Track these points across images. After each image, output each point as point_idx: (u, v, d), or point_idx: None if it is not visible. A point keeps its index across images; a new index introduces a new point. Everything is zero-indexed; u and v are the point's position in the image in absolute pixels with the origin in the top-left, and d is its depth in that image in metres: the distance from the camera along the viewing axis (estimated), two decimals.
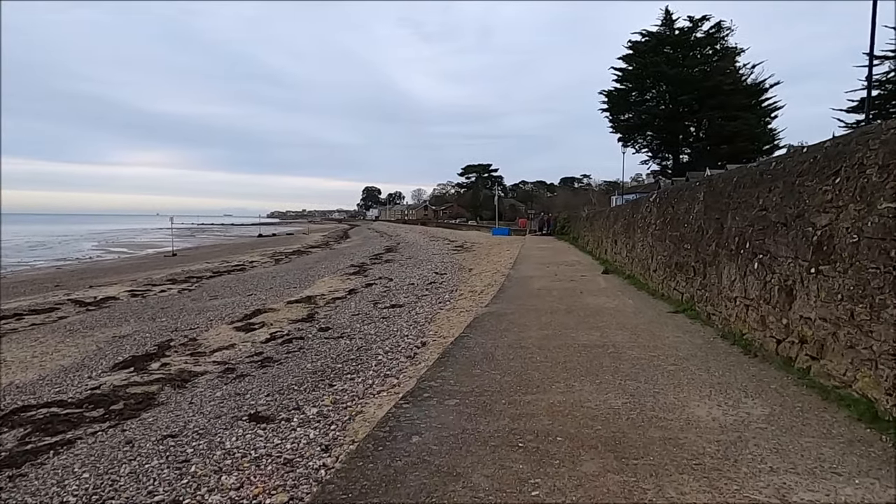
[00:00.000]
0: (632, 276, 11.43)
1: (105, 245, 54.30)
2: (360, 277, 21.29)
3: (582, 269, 14.36)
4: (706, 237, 6.97)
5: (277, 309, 14.19)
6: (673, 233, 8.58)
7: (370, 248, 41.42)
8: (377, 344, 9.02)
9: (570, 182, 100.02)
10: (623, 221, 13.08)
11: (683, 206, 8.18)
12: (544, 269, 14.58)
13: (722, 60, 38.75)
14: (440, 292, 14.99)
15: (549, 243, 29.03)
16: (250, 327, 12.00)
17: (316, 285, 20.02)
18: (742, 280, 5.57)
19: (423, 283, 17.67)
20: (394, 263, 26.55)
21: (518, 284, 11.61)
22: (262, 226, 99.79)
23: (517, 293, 10.19)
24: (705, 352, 5.29)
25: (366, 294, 15.93)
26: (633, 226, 11.73)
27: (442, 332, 9.09)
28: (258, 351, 9.21)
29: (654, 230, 9.75)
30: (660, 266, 9.21)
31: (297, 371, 7.76)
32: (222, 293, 17.47)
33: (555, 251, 22.30)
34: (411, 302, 13.90)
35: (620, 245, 13.23)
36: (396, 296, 15.01)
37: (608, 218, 16.38)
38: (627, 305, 8.27)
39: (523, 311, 7.99)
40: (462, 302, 12.49)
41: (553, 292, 9.95)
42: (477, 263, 22.69)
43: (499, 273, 16.82)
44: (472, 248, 33.11)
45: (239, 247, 50.91)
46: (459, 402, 3.96)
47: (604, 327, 6.64)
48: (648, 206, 10.45)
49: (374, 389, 6.34)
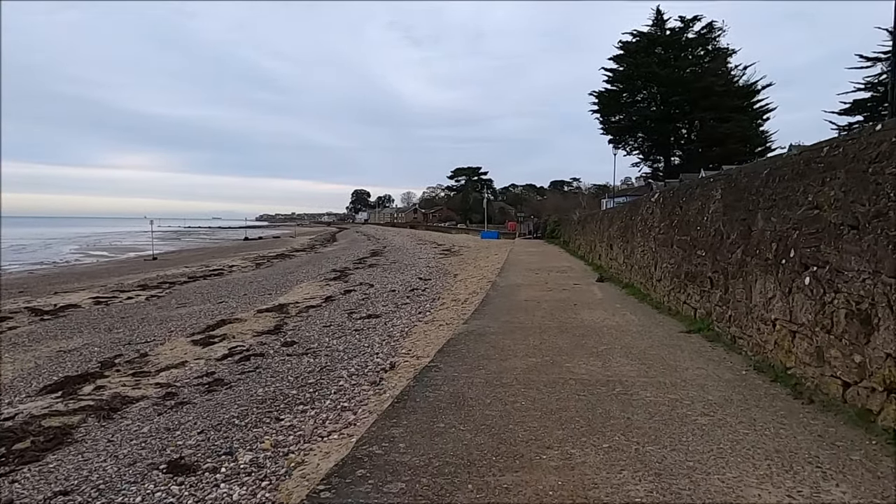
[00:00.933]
0: (631, 286, 10.20)
1: (86, 248, 52.50)
2: (339, 283, 20.13)
3: (574, 277, 13.13)
4: (727, 242, 5.73)
5: (244, 319, 13.01)
6: (682, 237, 7.35)
7: (356, 251, 40.21)
8: (343, 363, 7.68)
9: (560, 185, 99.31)
10: (619, 224, 11.86)
11: (695, 207, 6.95)
12: (533, 277, 13.32)
13: (714, 61, 37.91)
14: (421, 300, 13.81)
15: (538, 247, 27.84)
16: (209, 341, 10.76)
17: (293, 292, 18.82)
18: (785, 298, 4.31)
19: (405, 289, 16.50)
20: (377, 268, 25.37)
21: (504, 294, 10.34)
22: (249, 229, 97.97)
23: (502, 305, 8.91)
24: (742, 393, 4.01)
25: (342, 302, 14.73)
26: (632, 229, 10.52)
27: (416, 351, 7.88)
28: (210, 370, 8.14)
29: (658, 234, 8.52)
30: (665, 275, 7.97)
31: (246, 398, 6.43)
32: (192, 300, 16.28)
33: (545, 256, 21.09)
34: (389, 311, 12.74)
35: (617, 250, 12.01)
36: (375, 304, 13.81)
37: (602, 221, 15.18)
38: (630, 323, 7.00)
39: (508, 330, 6.70)
40: (443, 313, 11.28)
41: (543, 305, 8.68)
42: (463, 269, 21.53)
43: (485, 279, 15.62)
44: (460, 252, 31.88)
45: (223, 250, 49.47)
46: (406, 490, 2.66)
47: (605, 353, 5.36)
48: (650, 206, 9.23)
49: (326, 428, 5.09)
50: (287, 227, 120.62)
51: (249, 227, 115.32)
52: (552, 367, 4.92)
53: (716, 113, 36.25)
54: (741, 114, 37.03)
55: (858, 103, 36.09)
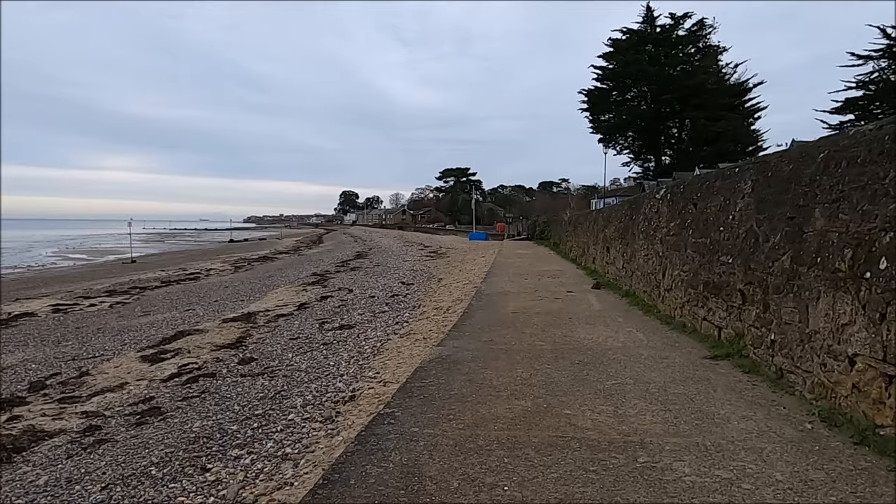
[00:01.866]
0: (632, 294, 8.97)
1: (65, 251, 50.67)
2: (318, 288, 18.87)
3: (567, 282, 11.89)
4: (765, 247, 4.50)
5: (206, 330, 11.80)
6: (698, 239, 6.11)
7: (340, 253, 38.95)
8: (301, 388, 6.65)
9: (549, 186, 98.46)
10: (617, 225, 10.63)
11: (715, 203, 5.71)
12: (522, 282, 12.06)
13: (705, 59, 36.99)
14: (401, 308, 12.60)
15: (527, 249, 26.62)
16: (161, 356, 9.68)
17: (267, 298, 17.53)
18: (873, 327, 3.05)
19: (385, 295, 15.29)
20: (360, 272, 24.12)
21: (489, 305, 9.06)
22: (234, 231, 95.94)
23: (486, 318, 7.62)
24: (822, 466, 2.75)
25: (317, 310, 13.53)
26: (632, 230, 9.29)
27: (384, 374, 6.67)
28: (149, 395, 7.17)
29: (667, 235, 7.28)
30: (678, 284, 6.73)
31: (177, 435, 5.45)
32: (159, 308, 15.00)
33: (534, 258, 19.86)
34: (365, 321, 11.56)
35: (615, 253, 10.77)
36: (351, 313, 12.61)
37: (596, 221, 13.95)
38: (639, 343, 5.74)
39: (490, 355, 5.41)
40: (422, 324, 10.07)
41: (533, 318, 7.41)
42: (449, 272, 20.31)
43: (471, 284, 14.41)
44: (447, 255, 30.64)
45: (205, 253, 48.10)
46: None
47: (615, 392, 4.09)
48: (654, 204, 8.00)
49: (254, 489, 3.81)
50: (275, 229, 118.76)
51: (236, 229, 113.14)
52: (547, 415, 3.63)
53: (707, 111, 35.31)
54: (733, 112, 36.14)
55: (851, 101, 35.32)
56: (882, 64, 34.06)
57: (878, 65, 34.22)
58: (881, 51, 33.82)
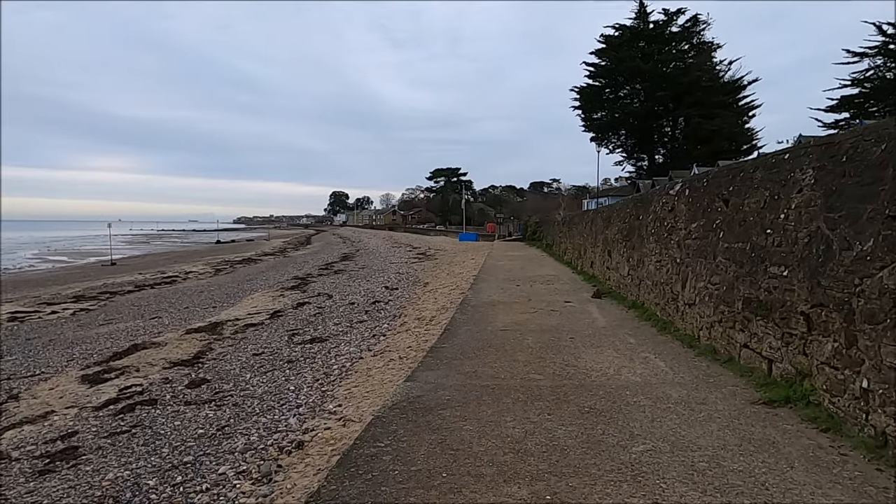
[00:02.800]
0: (640, 306, 7.71)
1: (45, 253, 48.91)
2: (296, 294, 17.63)
3: (563, 290, 10.64)
4: (845, 256, 3.25)
5: (165, 343, 10.67)
6: (733, 244, 4.85)
7: (326, 255, 37.73)
8: (248, 423, 5.60)
9: (540, 186, 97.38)
10: (621, 225, 9.37)
11: (755, 199, 4.46)
12: (513, 290, 10.78)
13: (699, 56, 35.96)
14: (381, 318, 11.39)
15: (519, 250, 25.37)
16: (104, 376, 8.89)
17: (242, 304, 16.29)
18: None
19: (366, 302, 14.10)
20: (343, 275, 22.88)
21: (476, 318, 7.76)
22: (222, 232, 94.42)
23: (471, 338, 6.31)
24: None
25: (290, 319, 12.41)
26: (640, 232, 8.04)
27: (346, 409, 5.56)
28: (73, 429, 6.11)
29: (686, 238, 6.03)
30: (703, 298, 5.46)
31: (80, 492, 4.41)
32: (123, 316, 13.76)
33: (526, 261, 18.60)
34: (340, 333, 10.43)
35: (618, 258, 9.51)
36: (326, 323, 11.43)
37: (594, 222, 12.69)
38: (664, 378, 4.46)
39: (472, 397, 4.11)
40: (401, 338, 8.85)
41: (526, 338, 6.12)
42: (436, 276, 19.08)
43: (458, 290, 13.19)
44: (435, 256, 29.37)
45: (190, 254, 46.78)
46: None
47: (647, 470, 2.79)
48: (667, 201, 6.75)
49: None
50: (264, 230, 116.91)
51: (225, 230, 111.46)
52: None
53: (701, 109, 34.25)
54: (727, 110, 35.15)
55: (846, 99, 34.40)
56: (878, 61, 33.25)
57: (873, 62, 33.44)
58: (877, 48, 33.01)
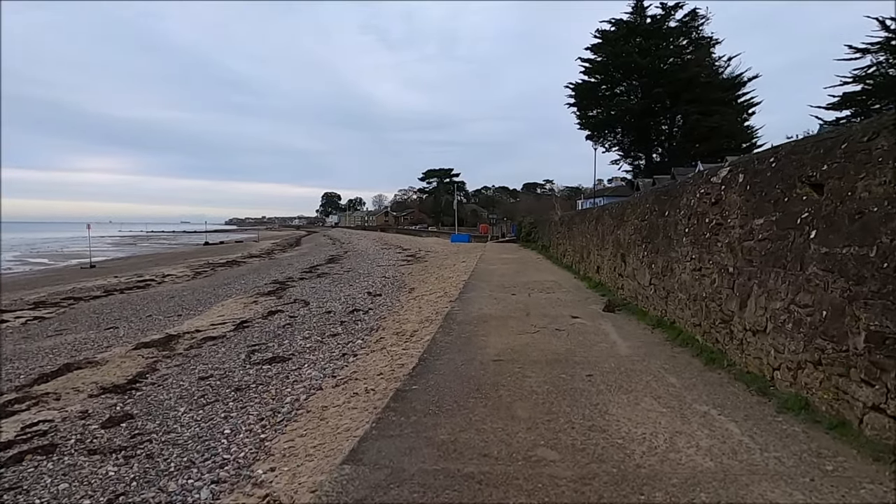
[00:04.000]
0: (669, 325, 6.05)
1: (27, 255, 46.83)
2: (271, 300, 15.94)
3: (567, 300, 8.96)
4: None
5: (106, 361, 9.60)
6: (840, 248, 3.19)
7: (313, 257, 36.07)
8: (152, 489, 4.20)
9: (533, 187, 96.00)
10: (638, 224, 7.70)
11: (881, 180, 2.81)
12: (508, 300, 9.09)
13: (697, 51, 34.51)
14: (356, 331, 9.83)
15: (513, 253, 23.68)
16: (13, 407, 6.75)
17: (209, 312, 14.59)
18: None
19: (344, 310, 12.53)
20: (326, 278, 21.21)
21: (461, 342, 6.04)
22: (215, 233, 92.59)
23: (451, 378, 4.56)
24: None
25: (256, 330, 10.83)
26: (666, 231, 6.38)
27: (276, 483, 3.71)
28: None
29: (746, 240, 4.35)
30: (783, 325, 3.78)
31: None
32: (78, 326, 12.35)
33: (521, 265, 16.92)
34: (306, 351, 9.06)
35: (635, 264, 7.81)
36: (293, 337, 9.95)
37: (600, 220, 11.02)
38: (749, 459, 2.79)
39: None
40: (372, 361, 7.24)
41: (527, 375, 4.43)
42: (423, 281, 17.39)
43: (446, 297, 11.56)
44: (425, 259, 27.69)
45: (174, 256, 45.03)
46: None
47: None
48: (708, 191, 5.10)
49: None
50: (255, 231, 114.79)
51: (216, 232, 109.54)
52: None
53: (700, 106, 32.81)
54: (726, 107, 33.74)
55: (848, 97, 32.98)
56: (881, 57, 31.93)
57: (876, 58, 32.12)
58: (879, 44, 31.70)
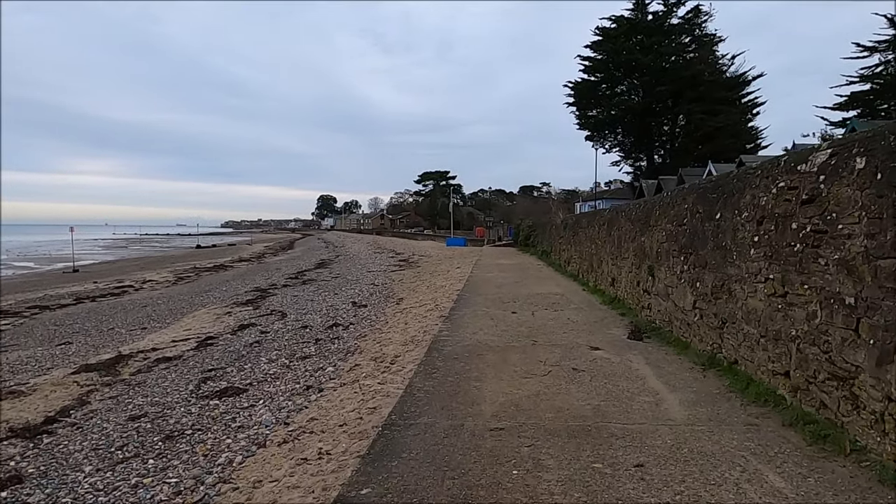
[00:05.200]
0: (727, 366, 4.46)
1: (13, 259, 45.03)
2: (246, 311, 14.36)
3: (581, 322, 7.34)
4: None
5: (31, 391, 8.42)
6: None
7: (303, 262, 34.52)
8: None
9: (530, 190, 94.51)
10: (672, 229, 6.08)
11: None
12: (508, 320, 7.45)
13: (701, 48, 33.07)
14: (331, 353, 8.46)
15: (511, 258, 22.07)
16: None
17: (176, 325, 13.07)
18: None
19: (323, 324, 11.07)
20: (312, 286, 19.60)
21: (447, 389, 4.41)
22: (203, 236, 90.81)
23: (426, 462, 2.92)
24: None
25: (218, 350, 9.23)
26: (718, 240, 4.78)
27: None
28: None
29: (884, 257, 2.78)
30: None
31: None
32: (30, 341, 11.03)
33: (521, 272, 15.30)
34: (266, 379, 7.37)
35: (669, 279, 6.16)
36: (258, 360, 8.73)
37: (613, 224, 9.41)
38: None
39: None
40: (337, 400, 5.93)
41: (543, 466, 2.80)
42: (413, 290, 15.79)
43: (436, 311, 10.04)
44: (418, 264, 26.08)
45: (163, 260, 43.49)
46: None
47: None
48: (799, 184, 3.53)
49: None
50: (251, 234, 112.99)
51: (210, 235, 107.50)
52: None
53: (704, 105, 31.34)
54: (730, 106, 32.30)
55: (856, 96, 31.50)
56: (889, 56, 30.54)
57: (883, 57, 30.74)
58: (888, 42, 30.32)
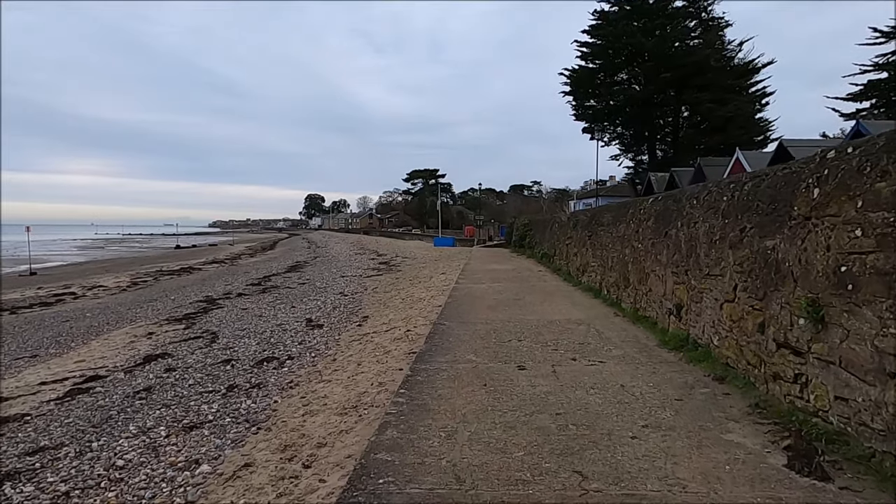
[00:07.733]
0: None
1: None
2: (174, 330, 11.58)
3: (648, 395, 4.05)
4: None
5: None
6: None
7: (276, 264, 31.40)
8: None
9: (521, 189, 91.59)
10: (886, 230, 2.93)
11: None
12: (514, 387, 4.18)
13: (707, 33, 30.14)
14: (230, 423, 4.96)
15: (505, 262, 18.83)
16: None
17: (80, 350, 10.51)
18: None
19: (252, 358, 8.45)
20: (271, 294, 16.43)
21: None
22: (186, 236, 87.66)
23: None
24: None
25: (90, 400, 6.70)
26: None
27: None
28: None
29: None
30: None
31: None
32: None
33: (521, 283, 12.04)
34: (110, 470, 4.65)
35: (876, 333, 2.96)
36: (126, 425, 5.41)
37: (663, 219, 6.26)
38: None
39: None
40: None
41: None
42: (385, 304, 12.59)
43: (406, 340, 6.77)
44: (400, 267, 22.82)
45: (131, 262, 40.35)
46: None
47: None
48: None
49: None
50: (237, 234, 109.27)
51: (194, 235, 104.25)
52: None
53: (712, 93, 28.44)
54: (738, 95, 29.44)
55: (873, 84, 28.58)
56: None
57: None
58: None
